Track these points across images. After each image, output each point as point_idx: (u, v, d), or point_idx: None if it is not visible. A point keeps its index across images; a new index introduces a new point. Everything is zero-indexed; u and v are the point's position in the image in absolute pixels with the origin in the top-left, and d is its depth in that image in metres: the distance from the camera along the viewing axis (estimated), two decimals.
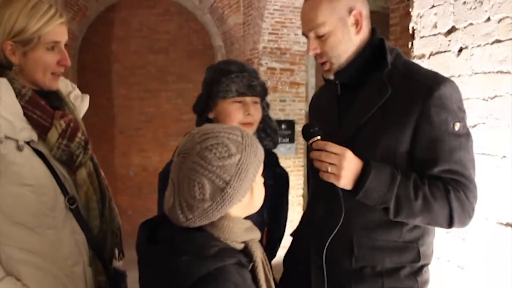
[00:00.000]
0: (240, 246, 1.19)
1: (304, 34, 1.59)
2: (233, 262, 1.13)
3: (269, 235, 1.94)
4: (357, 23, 1.53)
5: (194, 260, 1.10)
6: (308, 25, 1.55)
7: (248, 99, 1.81)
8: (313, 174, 1.68)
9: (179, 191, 1.15)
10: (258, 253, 1.21)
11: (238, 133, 1.19)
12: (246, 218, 1.24)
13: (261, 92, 1.84)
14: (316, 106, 1.82)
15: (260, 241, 1.28)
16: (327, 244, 1.50)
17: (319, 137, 1.45)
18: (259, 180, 1.23)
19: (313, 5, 1.53)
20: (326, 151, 1.41)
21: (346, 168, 1.40)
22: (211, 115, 1.84)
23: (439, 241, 2.34)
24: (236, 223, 1.18)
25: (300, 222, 1.82)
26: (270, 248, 1.95)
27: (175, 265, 1.12)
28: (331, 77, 1.59)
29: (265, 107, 1.92)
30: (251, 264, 1.19)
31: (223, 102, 1.80)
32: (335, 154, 1.40)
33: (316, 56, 1.59)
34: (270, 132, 1.94)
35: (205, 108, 1.85)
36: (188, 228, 1.16)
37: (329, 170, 1.41)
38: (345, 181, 1.41)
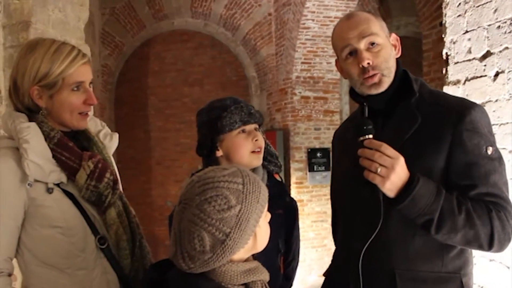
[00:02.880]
0: None
1: (349, 49, 1.53)
2: None
3: (284, 264, 1.97)
4: (395, 46, 1.58)
5: None
6: (362, 33, 1.50)
7: (251, 126, 1.86)
8: (345, 205, 1.64)
9: (180, 241, 1.15)
10: None
11: (239, 180, 1.16)
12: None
13: (259, 118, 1.90)
14: (342, 140, 1.77)
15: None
16: (360, 262, 1.47)
17: (371, 136, 1.41)
18: (263, 223, 1.21)
19: (364, 19, 1.54)
20: (379, 151, 1.37)
21: (397, 172, 1.35)
22: (219, 153, 1.86)
23: (482, 269, 2.26)
24: (232, 266, 1.16)
25: (332, 260, 1.76)
26: (286, 278, 1.99)
27: None
28: (377, 91, 1.52)
29: (262, 134, 1.95)
30: None
31: (229, 136, 1.83)
32: (389, 156, 1.36)
33: (367, 69, 1.50)
34: (271, 158, 1.98)
35: (212, 148, 1.87)
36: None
37: (378, 171, 1.36)
38: (391, 185, 1.36)
